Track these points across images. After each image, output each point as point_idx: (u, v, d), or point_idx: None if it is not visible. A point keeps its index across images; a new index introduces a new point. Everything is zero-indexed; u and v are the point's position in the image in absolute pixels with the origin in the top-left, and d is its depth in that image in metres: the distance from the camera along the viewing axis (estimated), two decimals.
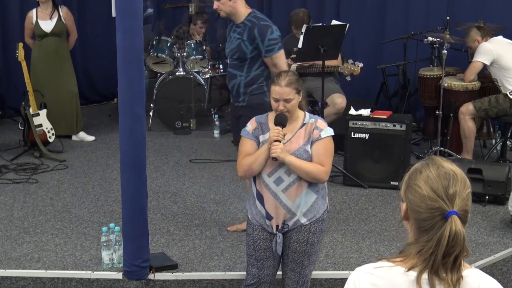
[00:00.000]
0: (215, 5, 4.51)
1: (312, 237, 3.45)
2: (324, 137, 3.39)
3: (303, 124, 3.43)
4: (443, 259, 1.69)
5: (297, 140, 3.40)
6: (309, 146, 3.38)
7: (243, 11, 4.50)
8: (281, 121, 3.36)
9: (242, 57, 4.46)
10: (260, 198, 3.44)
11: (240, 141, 3.53)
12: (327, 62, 6.25)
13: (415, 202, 1.76)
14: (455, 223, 1.69)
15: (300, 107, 3.46)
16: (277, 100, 3.38)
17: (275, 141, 3.30)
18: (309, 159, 3.37)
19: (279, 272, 3.61)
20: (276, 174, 3.39)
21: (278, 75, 3.44)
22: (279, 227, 3.44)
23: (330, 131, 3.43)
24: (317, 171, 3.35)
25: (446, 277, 1.70)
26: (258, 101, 4.45)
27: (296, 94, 3.39)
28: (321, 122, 3.45)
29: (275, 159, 3.31)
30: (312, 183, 3.41)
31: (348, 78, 6.09)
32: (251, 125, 3.50)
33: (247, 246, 3.59)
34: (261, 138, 3.45)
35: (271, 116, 3.47)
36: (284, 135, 3.34)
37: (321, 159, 3.37)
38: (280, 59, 4.45)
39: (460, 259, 1.71)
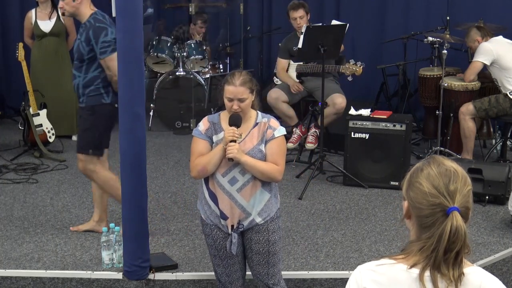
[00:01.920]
0: (60, 4, 4.48)
1: (272, 236, 3.46)
2: (277, 136, 3.40)
3: (256, 124, 3.43)
4: (444, 255, 1.71)
5: (251, 139, 3.40)
6: (263, 145, 3.38)
7: (86, 11, 4.45)
8: (235, 121, 3.35)
9: (81, 58, 4.42)
10: (214, 198, 3.43)
11: (192, 141, 3.49)
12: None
13: (416, 199, 1.78)
14: (456, 218, 1.71)
15: (252, 107, 3.45)
16: (231, 100, 3.35)
17: (231, 141, 3.30)
18: (263, 158, 3.37)
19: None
20: (231, 174, 3.38)
21: (232, 75, 3.41)
22: (234, 227, 3.43)
23: (283, 130, 3.44)
24: (272, 171, 3.36)
25: (448, 273, 1.72)
26: (94, 103, 4.44)
27: (250, 94, 3.37)
28: (273, 121, 3.45)
29: (231, 159, 3.30)
30: (265, 182, 3.41)
31: (350, 78, 6.09)
32: (203, 125, 3.46)
33: (208, 246, 3.59)
34: (215, 138, 3.42)
35: (224, 115, 3.44)
36: (239, 135, 3.34)
37: (275, 158, 3.38)
38: (113, 61, 4.32)
39: (462, 255, 1.73)
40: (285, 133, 3.45)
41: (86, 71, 4.44)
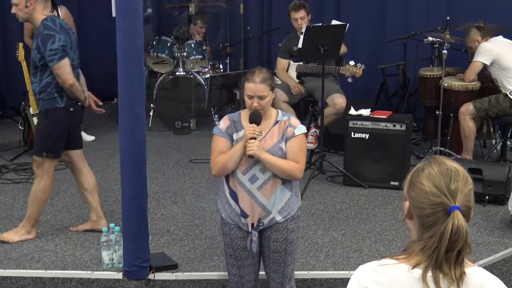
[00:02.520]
0: (13, 10, 4.43)
1: (290, 235, 3.45)
2: (298, 135, 3.41)
3: (277, 122, 3.44)
4: (446, 253, 1.71)
5: (271, 137, 3.40)
6: (284, 143, 3.39)
7: (39, 17, 4.39)
8: (256, 118, 3.36)
9: (35, 65, 4.41)
10: (234, 196, 3.43)
11: (212, 140, 3.50)
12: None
13: (418, 198, 1.78)
14: (458, 217, 1.71)
15: (272, 105, 3.46)
16: (251, 97, 3.37)
17: (251, 138, 3.30)
18: (283, 156, 3.38)
19: (263, 272, 3.62)
20: (251, 172, 3.38)
21: (252, 72, 3.41)
22: (254, 225, 3.43)
23: (303, 129, 3.45)
24: (292, 168, 3.36)
25: (449, 272, 1.72)
26: (48, 107, 4.44)
27: (270, 91, 3.38)
28: (294, 120, 3.46)
29: (251, 156, 3.31)
30: (286, 180, 3.41)
31: (350, 80, 6.09)
32: (224, 123, 3.48)
33: (225, 245, 3.58)
34: (235, 136, 3.43)
35: (244, 114, 3.46)
36: (260, 133, 3.35)
37: (296, 156, 3.38)
38: (61, 69, 4.32)
39: (463, 254, 1.73)
40: (306, 131, 3.47)
41: (40, 77, 4.42)
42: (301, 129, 3.43)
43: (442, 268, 1.72)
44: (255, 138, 3.31)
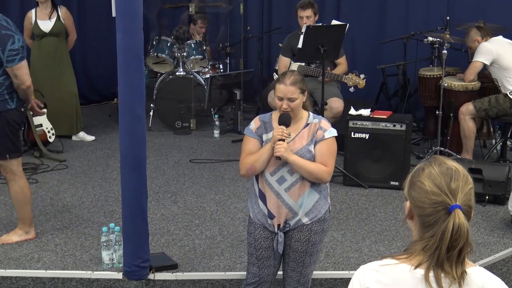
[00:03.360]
0: None
1: (313, 236, 3.45)
2: (327, 138, 3.40)
3: (307, 124, 3.44)
4: (447, 252, 1.72)
5: (301, 139, 3.40)
6: (313, 146, 3.39)
7: None
8: (285, 120, 3.37)
9: None
10: (263, 197, 3.44)
11: (243, 140, 3.53)
12: (335, 71, 6.25)
13: (418, 198, 1.78)
14: (459, 216, 1.71)
15: (304, 107, 3.47)
16: (281, 99, 3.38)
17: (279, 140, 3.31)
18: (312, 159, 3.37)
19: (280, 272, 3.61)
20: (279, 173, 3.39)
21: (283, 74, 3.43)
22: (281, 226, 3.44)
23: (334, 132, 3.44)
24: (319, 171, 3.35)
25: (451, 271, 1.72)
26: (0, 109, 4.33)
27: (301, 94, 3.39)
28: (325, 123, 3.46)
29: (278, 158, 3.32)
30: (314, 183, 3.40)
31: (352, 90, 6.09)
32: (254, 124, 3.50)
33: (248, 244, 3.59)
34: (265, 137, 3.45)
35: (275, 115, 3.47)
36: (288, 134, 3.35)
37: (324, 159, 3.38)
38: (20, 70, 4.26)
39: (464, 253, 1.74)
40: (336, 134, 3.45)
41: None
42: (331, 132, 3.42)
43: (444, 267, 1.72)
44: (283, 140, 3.31)
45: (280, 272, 3.61)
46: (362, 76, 6.01)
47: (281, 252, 3.48)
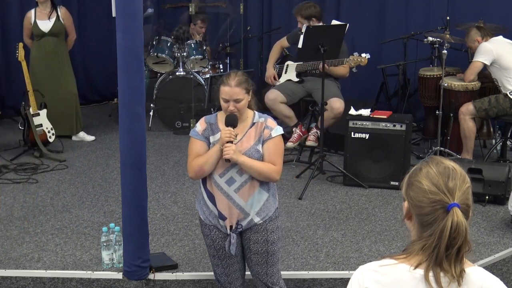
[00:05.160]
0: None
1: (270, 235, 3.45)
2: (274, 136, 3.39)
3: (253, 124, 3.43)
4: (446, 251, 1.72)
5: (248, 139, 3.39)
6: (260, 145, 3.38)
7: None
8: (232, 121, 3.34)
9: None
10: (212, 198, 3.42)
11: (189, 142, 3.48)
12: (335, 69, 6.25)
13: (416, 197, 1.79)
14: (457, 214, 1.72)
15: (249, 107, 3.45)
16: (226, 101, 3.35)
17: (227, 142, 3.29)
18: (260, 158, 3.37)
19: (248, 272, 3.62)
20: (228, 175, 3.37)
21: (227, 75, 3.40)
22: (233, 228, 3.43)
23: (280, 130, 3.44)
24: (269, 171, 3.35)
25: (450, 269, 1.73)
26: None
27: (246, 94, 3.37)
28: (271, 121, 3.44)
29: (228, 160, 3.30)
30: (263, 182, 3.41)
31: (355, 70, 6.09)
32: (200, 126, 3.46)
33: (207, 247, 3.59)
34: (212, 138, 3.42)
35: (221, 116, 3.44)
36: (236, 136, 3.33)
37: (273, 158, 3.37)
38: None
39: (463, 252, 1.74)
40: (283, 132, 3.45)
41: None
42: (277, 130, 3.41)
43: (443, 266, 1.73)
44: (231, 142, 3.30)
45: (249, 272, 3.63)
46: (363, 54, 6.01)
47: (234, 253, 3.46)
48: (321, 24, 6.42)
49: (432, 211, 1.75)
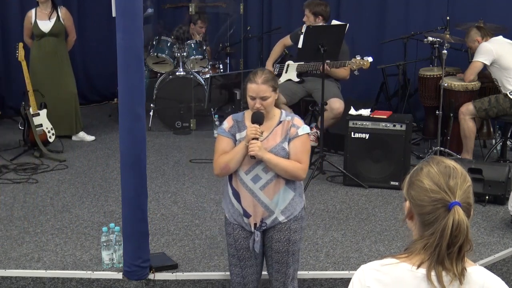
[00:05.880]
0: None
1: (293, 235, 3.45)
2: (301, 135, 3.41)
3: (280, 122, 3.44)
4: (447, 249, 1.72)
5: (274, 137, 3.40)
6: (287, 143, 3.39)
7: None
8: (258, 119, 3.36)
9: None
10: (237, 196, 3.43)
11: (216, 139, 3.51)
12: (336, 71, 6.25)
13: (418, 197, 1.79)
14: (458, 213, 1.72)
15: (276, 105, 3.46)
16: (253, 98, 3.37)
17: (253, 139, 3.30)
18: (286, 156, 3.38)
19: (265, 272, 3.61)
20: (254, 172, 3.38)
21: (254, 73, 3.41)
22: (257, 225, 3.43)
23: (307, 129, 3.45)
24: (295, 168, 3.36)
25: (451, 268, 1.73)
26: None
27: (273, 92, 3.39)
28: (297, 120, 3.46)
29: (253, 157, 3.31)
30: (289, 180, 3.41)
31: (357, 73, 6.08)
32: (227, 123, 3.48)
33: (228, 245, 3.58)
34: (238, 136, 3.44)
35: (248, 114, 3.46)
36: (261, 133, 3.35)
37: (299, 157, 3.38)
38: None
39: (464, 250, 1.74)
40: (309, 131, 3.47)
41: None
42: (304, 129, 3.43)
43: (445, 264, 1.73)
44: (257, 139, 3.31)
45: (265, 272, 3.61)
46: (366, 58, 6.00)
47: (258, 251, 3.46)
48: (320, 24, 6.41)
49: (433, 210, 1.75)
